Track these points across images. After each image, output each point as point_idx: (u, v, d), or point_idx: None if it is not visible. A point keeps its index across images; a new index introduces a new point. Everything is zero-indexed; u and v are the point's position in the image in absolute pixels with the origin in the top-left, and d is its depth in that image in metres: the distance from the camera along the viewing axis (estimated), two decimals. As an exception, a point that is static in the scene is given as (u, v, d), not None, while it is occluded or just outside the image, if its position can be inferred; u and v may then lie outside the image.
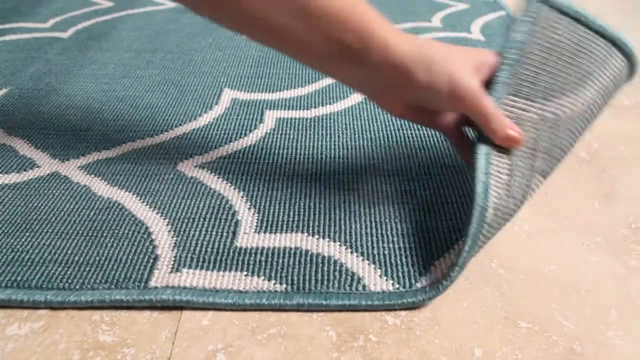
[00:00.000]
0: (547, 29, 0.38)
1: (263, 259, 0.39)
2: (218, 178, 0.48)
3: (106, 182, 0.48)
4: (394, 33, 0.37)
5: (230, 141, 0.54)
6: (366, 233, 0.41)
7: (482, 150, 0.36)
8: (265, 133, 0.55)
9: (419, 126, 0.56)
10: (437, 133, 0.54)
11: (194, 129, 0.56)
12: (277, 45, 0.39)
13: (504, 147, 0.37)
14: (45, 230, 0.42)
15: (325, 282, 0.37)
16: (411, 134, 0.54)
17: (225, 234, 0.42)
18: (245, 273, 0.38)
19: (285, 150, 0.52)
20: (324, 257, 0.39)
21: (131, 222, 0.43)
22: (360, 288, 0.37)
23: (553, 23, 0.38)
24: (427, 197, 0.45)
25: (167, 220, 0.43)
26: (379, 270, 0.38)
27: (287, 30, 0.37)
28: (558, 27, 0.38)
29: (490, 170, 0.36)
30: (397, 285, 0.37)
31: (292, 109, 0.59)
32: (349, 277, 0.37)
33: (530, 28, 0.38)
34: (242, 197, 0.46)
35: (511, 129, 0.36)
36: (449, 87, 0.36)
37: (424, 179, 0.48)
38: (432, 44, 0.37)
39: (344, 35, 0.36)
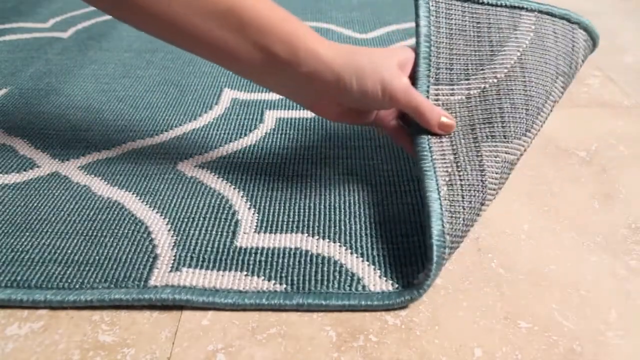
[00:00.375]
0: (444, 16, 0.42)
1: (263, 259, 0.39)
2: (218, 178, 0.48)
3: (106, 182, 0.48)
4: (322, 42, 0.38)
5: (230, 141, 0.54)
6: (366, 234, 0.41)
7: (422, 138, 0.39)
8: (265, 133, 0.55)
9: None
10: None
11: (194, 129, 0.56)
12: (210, 56, 0.40)
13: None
14: (45, 230, 0.42)
15: (325, 283, 0.37)
16: (411, 134, 0.54)
17: (225, 233, 0.42)
18: (245, 273, 0.38)
19: (285, 150, 0.52)
20: (323, 257, 0.39)
21: (131, 221, 0.43)
22: (360, 288, 0.37)
23: (447, 10, 0.43)
24: (427, 197, 0.45)
25: (166, 219, 0.43)
26: (378, 271, 0.38)
27: (218, 41, 0.38)
28: (453, 12, 0.42)
29: (434, 156, 0.38)
30: (397, 286, 0.37)
31: (292, 109, 0.59)
32: (349, 278, 0.37)
33: (430, 20, 0.42)
34: (242, 197, 0.46)
35: (443, 116, 0.39)
36: (382, 90, 0.38)
37: (424, 179, 0.48)
38: (359, 51, 0.39)
39: (274, 46, 0.37)
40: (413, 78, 0.41)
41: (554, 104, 0.44)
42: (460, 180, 0.38)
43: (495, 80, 0.42)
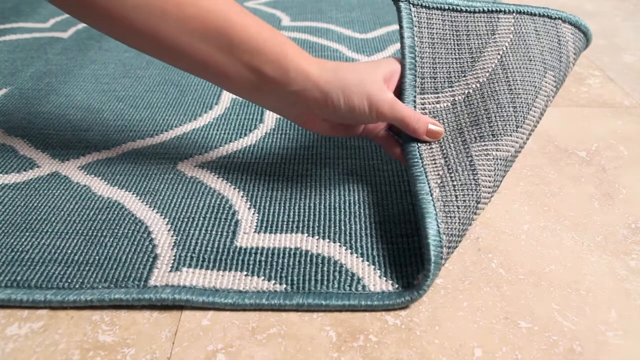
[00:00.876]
0: (426, 26, 0.43)
1: (263, 259, 0.39)
2: (218, 178, 0.48)
3: (106, 182, 0.48)
4: (310, 61, 0.39)
5: (230, 141, 0.54)
6: (366, 234, 0.41)
7: (412, 146, 0.40)
8: (265, 133, 0.55)
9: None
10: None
11: (194, 129, 0.56)
12: (199, 74, 0.40)
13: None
14: (45, 230, 0.42)
15: (325, 283, 0.37)
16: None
17: (225, 233, 0.42)
18: (245, 273, 0.38)
19: (285, 150, 0.52)
20: (323, 257, 0.39)
21: (131, 221, 0.43)
22: (360, 288, 0.37)
23: (428, 20, 0.44)
24: (427, 197, 0.45)
25: (166, 219, 0.43)
26: (378, 271, 0.38)
27: (208, 60, 0.38)
28: (433, 22, 0.44)
29: (425, 162, 0.39)
30: (397, 286, 0.37)
31: (292, 109, 0.59)
32: (349, 278, 0.37)
33: (414, 30, 0.43)
34: (242, 196, 0.46)
35: (430, 123, 0.40)
36: (369, 106, 0.39)
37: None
38: (344, 68, 0.39)
39: (263, 66, 0.38)
40: (400, 89, 0.42)
41: (547, 98, 0.45)
42: (452, 181, 0.38)
43: (478, 85, 0.43)
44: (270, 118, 0.58)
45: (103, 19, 0.37)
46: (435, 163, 0.39)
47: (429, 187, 0.37)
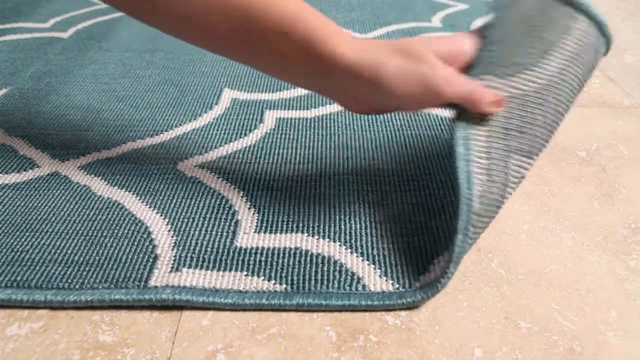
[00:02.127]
0: (520, 3, 0.37)
1: (263, 259, 0.39)
2: (218, 178, 0.48)
3: (106, 182, 0.48)
4: (359, 42, 0.36)
5: (230, 141, 0.54)
6: (366, 233, 0.41)
7: (460, 135, 0.36)
8: (265, 133, 0.55)
9: (419, 126, 0.56)
10: (437, 133, 0.54)
11: (194, 129, 0.56)
12: (249, 61, 0.39)
13: (480, 128, 0.36)
14: (45, 230, 0.42)
15: (325, 282, 0.37)
16: (411, 133, 0.54)
17: (225, 233, 0.42)
18: (245, 273, 0.38)
19: (285, 150, 0.52)
20: (323, 257, 0.39)
21: (131, 221, 0.43)
22: (360, 288, 0.37)
23: None
24: (427, 197, 0.45)
25: (167, 219, 0.43)
26: (378, 271, 0.38)
27: (269, 47, 0.37)
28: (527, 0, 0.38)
29: (471, 157, 0.35)
30: (397, 286, 0.37)
31: (292, 109, 0.59)
32: (349, 277, 0.37)
33: (509, 7, 0.38)
34: (242, 197, 0.46)
35: (492, 93, 0.35)
36: (425, 89, 0.35)
37: (424, 179, 0.48)
38: (393, 46, 0.36)
39: (317, 46, 0.36)
40: (470, 65, 0.37)
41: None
42: (488, 192, 0.35)
43: (534, 85, 0.37)
44: (270, 118, 0.58)
45: (149, 11, 0.37)
46: (479, 163, 0.35)
47: (472, 196, 0.34)
